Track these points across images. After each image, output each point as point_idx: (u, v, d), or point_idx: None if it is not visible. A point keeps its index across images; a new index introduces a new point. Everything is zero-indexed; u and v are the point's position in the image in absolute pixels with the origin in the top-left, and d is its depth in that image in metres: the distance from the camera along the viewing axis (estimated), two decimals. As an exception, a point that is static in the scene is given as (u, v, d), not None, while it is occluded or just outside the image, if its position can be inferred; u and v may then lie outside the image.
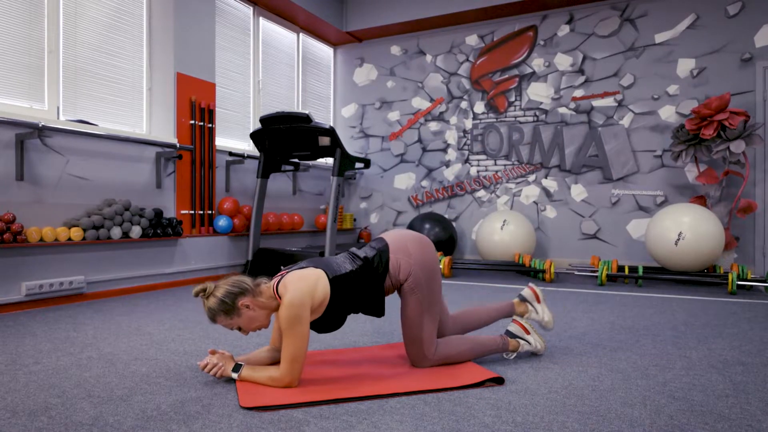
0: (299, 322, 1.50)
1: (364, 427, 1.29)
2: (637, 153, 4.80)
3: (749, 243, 4.40)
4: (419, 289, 1.70)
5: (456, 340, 1.82)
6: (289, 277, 1.59)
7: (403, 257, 1.70)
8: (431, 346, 1.74)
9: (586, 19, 5.00)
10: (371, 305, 1.69)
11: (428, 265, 1.72)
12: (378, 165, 5.93)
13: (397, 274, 1.69)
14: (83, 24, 3.43)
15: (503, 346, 1.88)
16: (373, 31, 5.68)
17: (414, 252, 1.71)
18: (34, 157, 2.96)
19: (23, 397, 1.50)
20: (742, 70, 4.44)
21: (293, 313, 1.49)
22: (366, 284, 1.65)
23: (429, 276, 1.71)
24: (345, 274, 1.62)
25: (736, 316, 2.75)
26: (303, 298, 1.51)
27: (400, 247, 1.71)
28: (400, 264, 1.69)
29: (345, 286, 1.61)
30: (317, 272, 1.60)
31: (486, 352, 1.85)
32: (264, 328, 1.63)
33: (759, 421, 1.36)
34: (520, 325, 1.94)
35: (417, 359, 1.75)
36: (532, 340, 1.92)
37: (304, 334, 1.51)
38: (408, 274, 1.69)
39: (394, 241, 1.74)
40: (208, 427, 1.29)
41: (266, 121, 4.03)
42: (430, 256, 1.74)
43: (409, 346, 1.75)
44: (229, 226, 4.13)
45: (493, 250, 4.70)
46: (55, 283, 2.96)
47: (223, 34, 4.52)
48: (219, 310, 1.55)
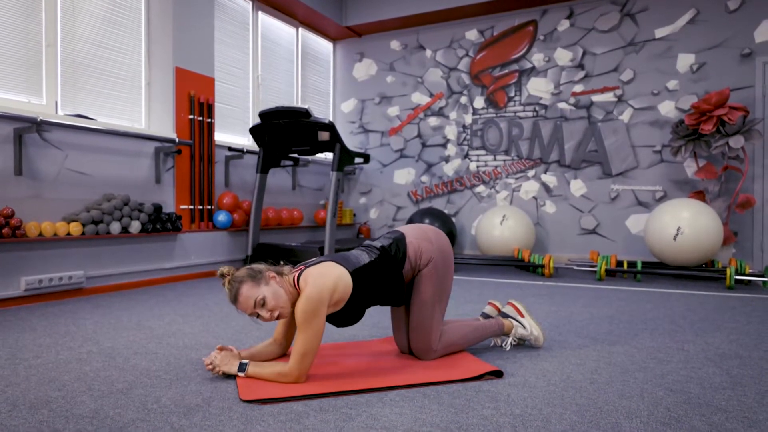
0: (316, 317, 1.49)
1: (363, 419, 1.30)
2: (637, 148, 4.80)
3: (747, 238, 4.41)
4: (437, 275, 1.72)
5: (456, 326, 1.84)
6: (310, 270, 1.57)
7: (424, 243, 1.73)
8: (437, 336, 1.75)
9: (586, 13, 4.99)
10: (392, 293, 1.69)
11: (446, 254, 1.76)
12: (377, 160, 5.92)
13: (419, 259, 1.71)
14: (81, 18, 3.41)
15: (499, 328, 1.92)
16: (373, 25, 5.66)
17: (434, 239, 1.76)
18: (32, 151, 2.96)
19: (23, 390, 1.51)
20: (741, 65, 4.43)
21: (312, 307, 1.48)
22: (386, 273, 1.66)
23: (446, 265, 1.75)
24: (364, 265, 1.62)
25: (733, 311, 2.76)
26: (322, 293, 1.50)
27: (419, 235, 1.75)
28: (422, 248, 1.71)
29: (365, 278, 1.62)
30: (338, 268, 1.58)
31: (485, 335, 1.89)
32: (285, 316, 1.57)
33: (755, 412, 1.37)
34: (514, 307, 1.98)
35: (422, 350, 1.75)
36: (527, 324, 1.94)
37: (319, 329, 1.50)
38: (429, 258, 1.71)
39: (413, 230, 1.77)
40: (208, 420, 1.29)
41: (265, 116, 4.02)
42: (447, 247, 1.79)
43: (415, 335, 1.74)
44: (228, 221, 4.13)
45: (492, 246, 4.71)
46: (54, 278, 2.97)
47: (222, 29, 4.51)
48: (247, 275, 1.54)
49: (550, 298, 3.14)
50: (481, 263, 4.31)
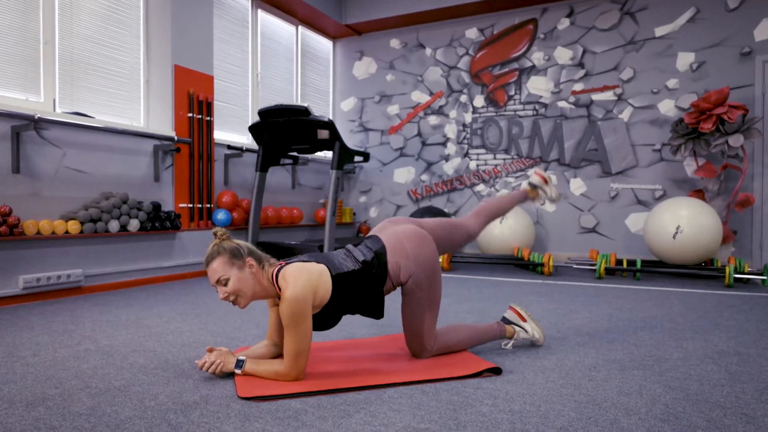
0: (302, 318, 1.47)
1: (361, 417, 1.30)
2: (636, 147, 4.80)
3: (746, 237, 4.40)
4: (420, 288, 1.68)
5: (455, 328, 1.83)
6: (289, 268, 1.54)
7: (402, 259, 1.66)
8: (431, 339, 1.74)
9: (586, 12, 4.98)
10: (370, 307, 1.66)
11: (428, 263, 1.68)
12: (377, 159, 5.92)
13: (398, 276, 1.66)
14: (79, 15, 3.40)
15: (500, 333, 1.90)
16: (373, 24, 5.65)
17: (412, 252, 1.67)
18: (30, 149, 2.95)
19: (20, 388, 1.50)
20: (741, 64, 4.43)
21: (296, 309, 1.45)
22: (366, 286, 1.62)
23: (429, 274, 1.68)
24: (348, 272, 1.58)
25: (732, 309, 2.76)
26: (305, 293, 1.47)
27: (397, 248, 1.66)
28: (400, 266, 1.65)
29: (346, 285, 1.58)
30: (320, 267, 1.55)
31: (484, 339, 1.87)
32: (240, 305, 1.55)
33: (753, 409, 1.36)
34: (515, 312, 1.95)
35: (417, 351, 1.76)
36: (529, 328, 1.93)
37: (307, 329, 1.49)
38: (409, 275, 1.66)
39: (391, 241, 1.68)
40: (206, 417, 1.29)
41: (265, 114, 4.01)
42: (428, 253, 1.69)
43: (409, 340, 1.75)
44: (227, 219, 4.13)
45: (492, 244, 4.71)
46: (52, 277, 2.96)
47: (221, 27, 4.50)
48: (229, 250, 1.54)
49: (550, 296, 3.14)
50: (481, 262, 4.31)
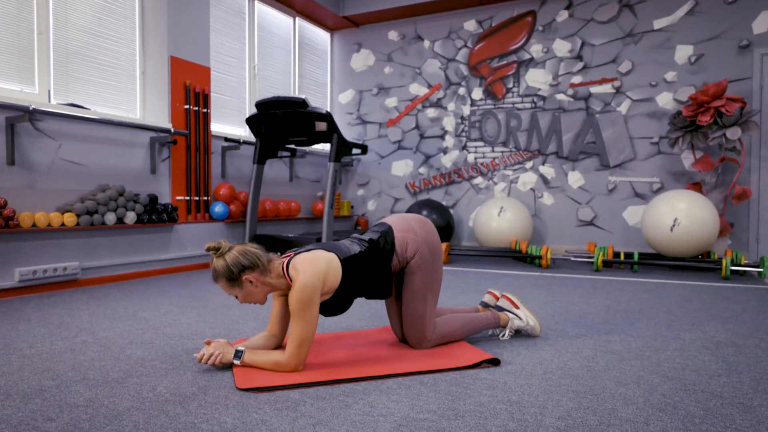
0: (310, 305, 1.49)
1: (360, 407, 1.29)
2: (634, 140, 4.80)
3: (743, 229, 4.42)
4: (425, 266, 1.72)
5: (451, 317, 1.84)
6: (298, 258, 1.57)
7: (409, 235, 1.73)
8: (431, 325, 1.75)
9: (585, 4, 4.95)
10: (380, 285, 1.69)
11: (433, 244, 1.76)
12: (375, 152, 5.90)
13: (405, 252, 1.71)
14: (74, 5, 3.37)
15: (495, 321, 1.92)
16: (371, 15, 5.61)
17: (419, 231, 1.75)
18: (25, 141, 2.93)
19: (17, 380, 1.50)
20: (739, 56, 4.42)
21: (305, 296, 1.47)
22: (374, 265, 1.65)
23: (434, 254, 1.75)
24: (354, 255, 1.62)
25: (729, 300, 2.77)
26: (315, 281, 1.50)
27: (404, 227, 1.74)
28: (407, 242, 1.71)
29: (355, 268, 1.61)
30: (328, 255, 1.58)
31: (480, 327, 1.89)
32: (260, 304, 1.62)
33: (750, 398, 1.37)
34: (508, 300, 1.98)
35: (416, 340, 1.76)
36: (522, 315, 1.94)
37: (313, 317, 1.50)
38: (415, 251, 1.71)
39: (398, 222, 1.76)
40: (204, 408, 1.29)
41: (262, 106, 3.99)
42: (433, 236, 1.78)
43: (408, 326, 1.75)
44: (225, 212, 4.11)
45: (490, 237, 4.71)
46: (49, 269, 2.95)
47: (217, 18, 4.46)
48: (223, 275, 1.54)
49: (548, 288, 3.15)
50: (479, 254, 4.31)
